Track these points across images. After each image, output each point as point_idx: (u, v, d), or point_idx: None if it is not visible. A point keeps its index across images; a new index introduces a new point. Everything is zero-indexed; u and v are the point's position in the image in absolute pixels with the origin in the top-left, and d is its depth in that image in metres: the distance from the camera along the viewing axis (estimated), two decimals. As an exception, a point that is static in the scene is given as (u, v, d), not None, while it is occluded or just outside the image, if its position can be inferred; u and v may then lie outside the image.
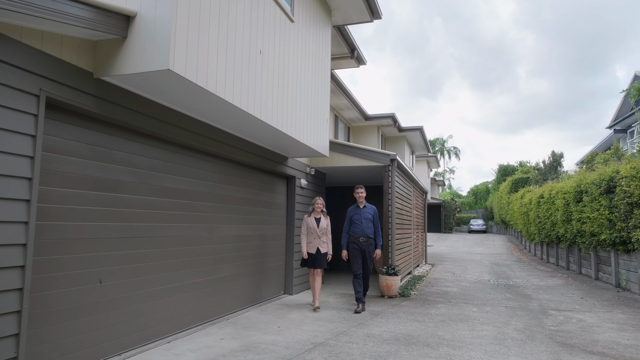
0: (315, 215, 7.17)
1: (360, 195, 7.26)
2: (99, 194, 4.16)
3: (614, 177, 9.31)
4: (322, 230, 7.08)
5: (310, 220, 7.11)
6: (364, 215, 7.19)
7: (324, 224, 7.15)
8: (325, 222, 7.17)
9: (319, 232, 7.04)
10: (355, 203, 7.39)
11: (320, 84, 7.78)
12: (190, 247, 5.48)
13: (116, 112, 4.17)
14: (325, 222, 7.17)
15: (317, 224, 7.07)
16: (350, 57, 10.26)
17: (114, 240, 4.31)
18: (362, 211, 7.23)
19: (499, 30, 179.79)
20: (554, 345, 5.03)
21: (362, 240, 7.08)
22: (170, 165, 5.18)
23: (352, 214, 7.29)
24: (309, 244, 7.07)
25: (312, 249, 7.03)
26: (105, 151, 4.24)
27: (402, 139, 18.33)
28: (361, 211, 7.23)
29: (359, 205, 7.30)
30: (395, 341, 5.10)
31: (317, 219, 7.13)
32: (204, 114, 5.21)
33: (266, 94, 5.52)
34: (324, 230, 7.10)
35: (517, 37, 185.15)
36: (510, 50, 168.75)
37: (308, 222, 7.09)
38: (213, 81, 4.33)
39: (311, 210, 7.21)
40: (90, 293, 4.04)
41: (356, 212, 7.27)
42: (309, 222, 7.08)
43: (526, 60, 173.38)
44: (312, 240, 7.05)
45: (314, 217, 7.14)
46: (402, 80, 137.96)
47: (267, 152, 7.25)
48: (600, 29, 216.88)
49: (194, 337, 5.13)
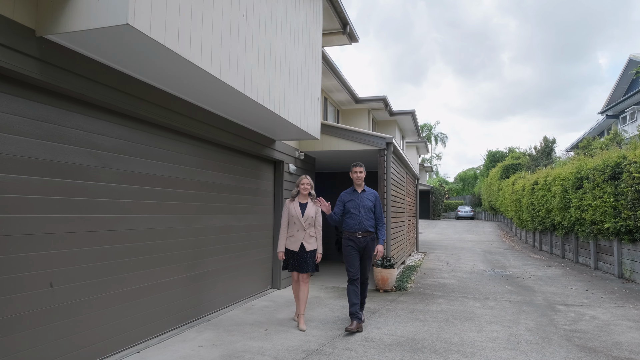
0: (301, 200, 5.40)
1: (359, 177, 5.42)
2: (48, 180, 3.44)
3: (620, 163, 8.82)
4: (308, 220, 5.29)
5: (293, 206, 5.36)
6: (363, 203, 5.34)
7: (312, 211, 5.35)
8: (314, 210, 5.38)
9: (305, 223, 5.27)
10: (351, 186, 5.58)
11: (311, 60, 7.06)
12: (164, 240, 4.79)
13: (67, 80, 3.42)
14: (314, 210, 5.38)
15: (301, 211, 5.31)
16: (342, 33, 9.50)
17: (67, 236, 3.60)
18: (360, 197, 5.38)
19: (483, 16, 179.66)
20: (575, 349, 4.51)
21: (360, 236, 5.25)
22: (140, 147, 4.45)
23: (346, 200, 5.40)
24: (290, 238, 5.31)
25: (295, 245, 5.27)
26: (55, 128, 3.50)
27: (393, 123, 17.70)
28: (359, 197, 5.38)
29: (356, 188, 5.47)
30: (398, 347, 4.52)
31: (303, 204, 5.36)
32: (178, 87, 4.48)
33: (251, 66, 4.80)
34: (311, 221, 5.33)
35: (500, 23, 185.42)
36: (493, 36, 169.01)
37: (290, 208, 5.36)
38: (186, 44, 3.60)
39: (295, 193, 5.46)
40: (38, 300, 3.34)
41: (352, 198, 5.40)
42: (291, 208, 5.35)
43: (510, 46, 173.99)
44: (294, 233, 5.28)
45: (298, 202, 5.38)
46: (386, 66, 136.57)
47: (252, 133, 6.54)
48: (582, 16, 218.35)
49: (169, 344, 4.48)
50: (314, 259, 5.34)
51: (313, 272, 5.22)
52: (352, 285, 5.25)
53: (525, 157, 25.50)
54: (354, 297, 5.19)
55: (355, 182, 5.46)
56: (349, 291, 5.24)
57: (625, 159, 8.69)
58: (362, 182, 5.49)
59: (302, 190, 5.40)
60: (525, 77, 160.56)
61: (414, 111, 17.07)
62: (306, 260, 5.26)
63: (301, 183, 5.41)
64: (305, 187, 5.40)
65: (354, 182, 5.47)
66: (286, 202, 5.49)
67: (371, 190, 5.55)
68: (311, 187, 5.46)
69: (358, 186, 5.48)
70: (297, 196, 5.46)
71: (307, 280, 5.32)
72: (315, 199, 5.43)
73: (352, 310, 5.17)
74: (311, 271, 5.30)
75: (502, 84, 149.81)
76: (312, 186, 5.48)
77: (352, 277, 5.27)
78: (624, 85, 22.61)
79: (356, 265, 5.27)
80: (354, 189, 5.49)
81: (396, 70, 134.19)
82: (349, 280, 5.27)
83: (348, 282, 5.27)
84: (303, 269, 5.25)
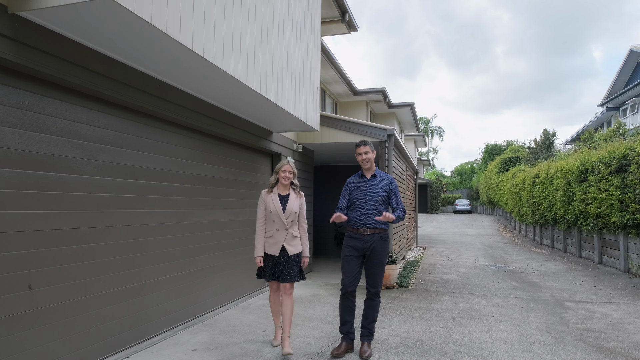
0: (281, 191, 4.28)
1: (365, 158, 4.18)
2: (25, 173, 3.14)
3: (627, 155, 8.58)
4: (291, 217, 4.20)
5: (272, 198, 4.21)
6: (372, 191, 4.12)
7: (295, 205, 4.25)
8: (298, 204, 4.28)
9: (286, 220, 4.17)
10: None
11: (310, 48, 6.75)
12: (155, 237, 4.50)
13: (44, 63, 3.11)
14: (298, 204, 4.28)
15: (282, 205, 4.21)
16: (340, 21, 9.19)
17: (48, 234, 3.30)
18: (369, 184, 4.18)
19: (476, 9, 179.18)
20: (591, 350, 4.26)
21: (365, 234, 4.03)
22: (128, 137, 4.14)
23: (352, 188, 4.25)
24: (268, 239, 4.19)
25: (274, 249, 4.14)
26: (32, 116, 3.19)
27: (391, 115, 17.40)
28: (367, 184, 4.18)
29: (364, 173, 4.30)
30: (405, 349, 4.26)
31: (284, 197, 4.25)
32: (168, 72, 4.17)
33: (247, 52, 4.49)
34: (294, 217, 4.23)
35: (493, 16, 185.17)
36: (486, 29, 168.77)
37: (267, 201, 4.22)
38: (176, 25, 3.30)
39: (274, 182, 4.29)
40: (15, 304, 3.05)
41: (359, 184, 4.23)
42: (269, 201, 4.21)
43: (503, 39, 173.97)
44: (273, 233, 4.16)
45: (277, 194, 4.26)
46: (380, 59, 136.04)
47: (248, 124, 6.23)
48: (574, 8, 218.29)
49: (161, 347, 4.20)
50: (298, 265, 4.22)
51: (298, 280, 4.21)
52: (344, 299, 4.08)
53: (524, 150, 25.28)
54: (347, 313, 4.08)
55: (362, 165, 4.25)
56: (341, 307, 4.11)
57: (633, 150, 8.46)
58: (371, 164, 4.23)
59: (283, 178, 4.22)
60: (519, 70, 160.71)
61: (412, 103, 16.78)
62: (289, 266, 4.14)
63: (282, 170, 4.23)
64: (286, 174, 4.22)
65: (361, 166, 4.29)
66: (262, 193, 4.30)
67: (384, 175, 4.28)
68: (294, 175, 4.31)
69: (367, 170, 4.26)
70: (276, 186, 4.31)
71: (290, 291, 4.15)
72: (298, 189, 4.37)
73: (343, 329, 4.10)
74: (294, 280, 4.16)
75: (496, 77, 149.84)
76: (295, 174, 4.33)
77: (345, 290, 4.04)
78: (625, 77, 22.36)
79: (353, 273, 4.03)
80: (361, 174, 4.31)
81: (390, 63, 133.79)
82: (341, 293, 4.10)
83: (340, 295, 4.12)
84: (285, 277, 4.12)
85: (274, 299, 4.37)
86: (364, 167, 4.25)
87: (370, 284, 4.10)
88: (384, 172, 4.63)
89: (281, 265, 4.15)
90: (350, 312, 4.09)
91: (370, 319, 4.12)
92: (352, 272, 4.04)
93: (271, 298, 4.38)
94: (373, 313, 4.11)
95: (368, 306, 4.12)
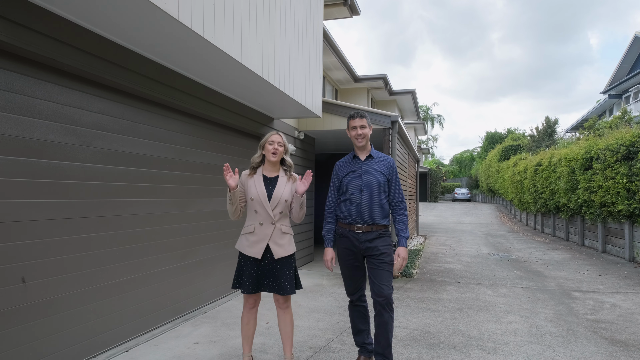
0: (268, 172, 3.24)
1: (360, 134, 3.29)
2: (16, 160, 2.96)
3: (635, 142, 8.42)
4: (279, 207, 3.15)
5: (254, 182, 3.18)
6: (369, 176, 3.28)
7: (286, 191, 3.18)
8: (289, 190, 3.20)
9: (272, 211, 3.12)
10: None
11: (312, 31, 6.53)
12: (154, 227, 4.34)
13: (34, 42, 2.92)
14: (289, 190, 3.20)
15: (268, 190, 3.16)
16: (343, 4, 8.96)
17: (40, 224, 3.14)
18: (364, 168, 3.32)
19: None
20: (604, 342, 4.15)
21: (361, 232, 3.22)
22: (125, 123, 3.96)
23: (342, 175, 3.37)
24: (248, 235, 3.15)
25: (256, 249, 3.11)
26: (22, 99, 3.01)
27: (392, 103, 17.18)
28: (362, 167, 3.32)
29: (357, 154, 3.40)
30: (413, 341, 4.14)
31: (271, 179, 3.21)
32: (166, 54, 3.97)
33: (247, 33, 4.29)
34: (284, 207, 3.18)
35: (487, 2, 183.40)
36: (480, 15, 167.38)
37: (249, 186, 3.18)
38: (174, 1, 3.10)
39: (258, 161, 3.24)
40: (8, 297, 2.90)
41: (352, 168, 3.35)
42: (250, 185, 3.18)
43: (499, 25, 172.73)
44: (255, 227, 3.13)
45: (262, 177, 3.22)
46: (375, 46, 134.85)
47: (249, 110, 6.04)
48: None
49: (161, 340, 4.07)
50: (292, 271, 3.17)
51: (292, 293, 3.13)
52: (353, 307, 3.42)
53: (525, 138, 25.10)
54: (360, 321, 3.40)
55: (355, 143, 3.33)
56: (351, 314, 3.44)
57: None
58: (366, 142, 3.34)
59: (270, 155, 3.16)
60: (515, 56, 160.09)
61: (414, 90, 16.56)
62: (275, 274, 3.12)
63: (269, 141, 3.18)
64: (274, 147, 3.15)
65: (354, 144, 3.36)
66: (242, 175, 3.26)
67: (382, 156, 3.39)
68: (285, 150, 3.24)
69: (361, 150, 3.36)
70: (261, 164, 3.28)
71: (287, 304, 3.19)
72: (291, 171, 3.31)
73: (358, 339, 3.44)
74: (289, 292, 3.11)
75: (492, 64, 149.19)
76: (287, 149, 3.26)
77: (351, 298, 3.39)
78: (628, 64, 22.11)
79: (355, 279, 3.33)
80: (354, 156, 3.39)
81: (385, 50, 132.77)
82: (349, 301, 3.44)
83: (348, 302, 3.47)
84: (279, 288, 3.10)
85: (247, 319, 3.22)
86: (357, 145, 3.34)
87: (374, 291, 3.18)
88: (381, 152, 3.85)
89: (267, 272, 3.13)
90: (363, 319, 3.41)
91: (384, 342, 3.17)
92: (353, 278, 3.34)
93: (244, 317, 3.23)
94: (386, 334, 3.16)
95: (378, 325, 3.19)
